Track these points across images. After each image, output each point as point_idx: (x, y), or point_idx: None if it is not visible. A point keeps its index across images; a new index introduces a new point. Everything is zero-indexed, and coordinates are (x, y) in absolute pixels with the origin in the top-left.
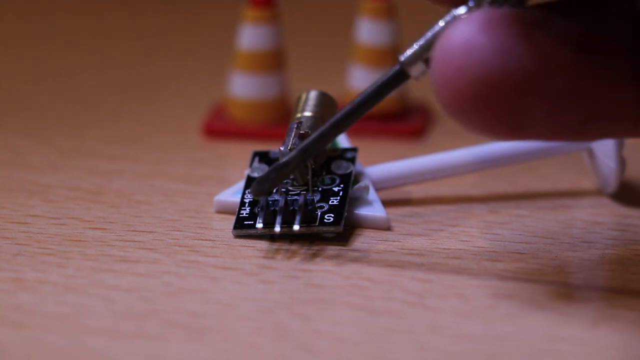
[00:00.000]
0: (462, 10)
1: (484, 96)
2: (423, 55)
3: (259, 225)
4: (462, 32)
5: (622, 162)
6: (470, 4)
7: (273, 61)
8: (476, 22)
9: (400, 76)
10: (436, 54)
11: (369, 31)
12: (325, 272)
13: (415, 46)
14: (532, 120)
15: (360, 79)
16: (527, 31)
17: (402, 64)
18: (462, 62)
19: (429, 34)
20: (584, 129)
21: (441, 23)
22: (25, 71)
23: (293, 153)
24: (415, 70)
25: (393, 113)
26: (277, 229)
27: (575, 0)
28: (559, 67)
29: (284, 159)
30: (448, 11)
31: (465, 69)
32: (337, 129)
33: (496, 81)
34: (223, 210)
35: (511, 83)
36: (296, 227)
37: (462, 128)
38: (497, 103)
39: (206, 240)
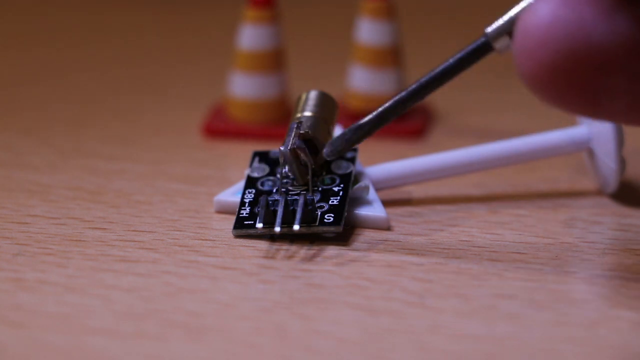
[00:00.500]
0: None
1: (566, 70)
2: (509, 29)
3: (259, 225)
4: (547, 4)
5: (622, 162)
6: None
7: (273, 61)
8: None
9: (484, 48)
10: (520, 25)
11: (369, 31)
12: (325, 272)
13: (502, 20)
14: (613, 98)
15: (360, 79)
16: (616, 8)
17: (488, 36)
18: (545, 34)
19: (517, 8)
20: None
21: None
22: (25, 71)
23: (370, 116)
24: (500, 43)
25: None
26: (277, 229)
27: None
28: None
29: (359, 122)
30: None
31: (548, 40)
32: (415, 96)
33: (578, 55)
34: (223, 210)
35: (593, 58)
36: (296, 227)
37: (540, 101)
38: (579, 78)
39: (206, 240)
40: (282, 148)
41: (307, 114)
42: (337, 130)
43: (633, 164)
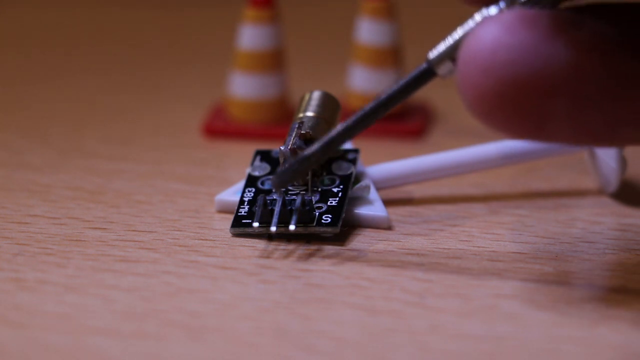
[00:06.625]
0: (493, 10)
1: (510, 97)
2: (451, 54)
3: (255, 224)
4: (489, 31)
5: (623, 162)
6: (502, 4)
7: (273, 61)
8: (505, 21)
9: (427, 74)
10: (463, 53)
11: (369, 31)
12: (325, 272)
13: (444, 45)
14: (557, 122)
15: (360, 79)
16: (557, 32)
17: (430, 62)
18: (488, 62)
19: (459, 33)
20: (610, 134)
21: (471, 22)
22: (25, 71)
23: (315, 146)
24: (443, 68)
25: (393, 113)
26: (273, 228)
27: (611, 6)
28: (588, 70)
29: (306, 152)
30: (478, 11)
31: (491, 68)
32: (361, 124)
33: (521, 81)
34: (224, 209)
35: (535, 84)
36: (292, 227)
37: (485, 127)
38: (523, 104)
39: (206, 240)
40: (282, 148)
41: (310, 114)
42: None
43: (634, 164)
